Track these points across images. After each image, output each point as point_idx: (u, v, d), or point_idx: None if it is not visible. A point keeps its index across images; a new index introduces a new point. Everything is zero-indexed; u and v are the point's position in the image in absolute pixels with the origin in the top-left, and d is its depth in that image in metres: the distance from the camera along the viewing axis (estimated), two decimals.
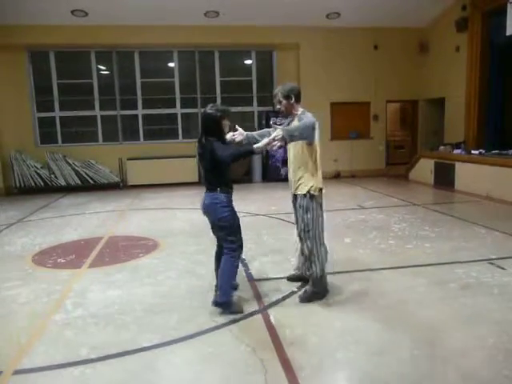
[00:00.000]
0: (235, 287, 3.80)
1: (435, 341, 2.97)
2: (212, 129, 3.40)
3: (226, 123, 3.44)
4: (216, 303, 3.49)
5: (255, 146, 3.38)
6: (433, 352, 2.83)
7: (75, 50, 10.96)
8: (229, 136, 3.61)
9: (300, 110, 3.65)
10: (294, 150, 3.63)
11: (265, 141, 3.32)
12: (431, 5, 10.59)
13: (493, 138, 9.93)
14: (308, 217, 3.61)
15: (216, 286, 3.62)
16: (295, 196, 3.70)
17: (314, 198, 3.58)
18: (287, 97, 3.59)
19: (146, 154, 11.11)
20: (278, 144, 3.33)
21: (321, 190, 3.62)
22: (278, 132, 3.28)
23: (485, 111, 9.97)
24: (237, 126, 3.74)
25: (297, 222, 3.77)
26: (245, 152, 3.47)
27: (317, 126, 3.51)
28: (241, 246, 3.60)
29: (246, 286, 4.07)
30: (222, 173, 3.46)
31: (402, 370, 2.66)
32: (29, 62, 10.81)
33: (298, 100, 3.64)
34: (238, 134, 3.68)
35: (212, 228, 3.67)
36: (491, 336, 3.00)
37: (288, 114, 3.69)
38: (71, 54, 11.03)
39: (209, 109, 3.43)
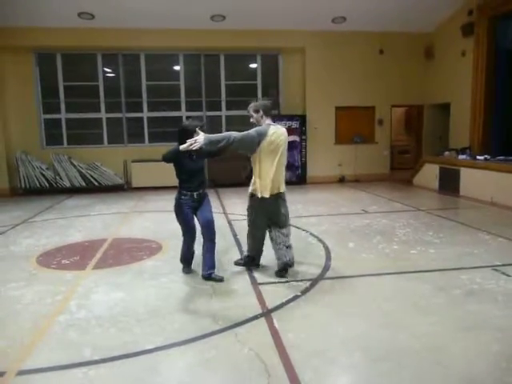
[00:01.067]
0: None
1: (439, 347, 2.96)
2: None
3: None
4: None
5: (181, 146, 3.91)
6: (436, 358, 2.82)
7: (82, 53, 11.04)
8: (185, 145, 3.87)
9: (266, 123, 4.21)
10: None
11: (189, 142, 3.83)
12: (437, 10, 10.59)
13: (498, 144, 9.89)
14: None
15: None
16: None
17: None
18: (257, 111, 4.22)
19: (151, 157, 11.13)
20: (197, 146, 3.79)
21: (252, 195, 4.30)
22: (199, 137, 3.79)
23: (490, 117, 9.94)
24: (197, 130, 4.05)
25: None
26: (173, 151, 4.10)
27: (266, 140, 4.09)
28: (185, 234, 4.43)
29: (250, 290, 4.06)
30: (177, 174, 4.36)
31: (404, 375, 2.65)
32: (36, 64, 10.89)
33: (266, 113, 4.24)
34: (193, 142, 3.82)
35: None
36: (495, 343, 2.99)
37: (259, 125, 4.22)
38: (78, 56, 11.12)
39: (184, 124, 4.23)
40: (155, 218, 7.48)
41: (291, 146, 10.67)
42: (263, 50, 11.65)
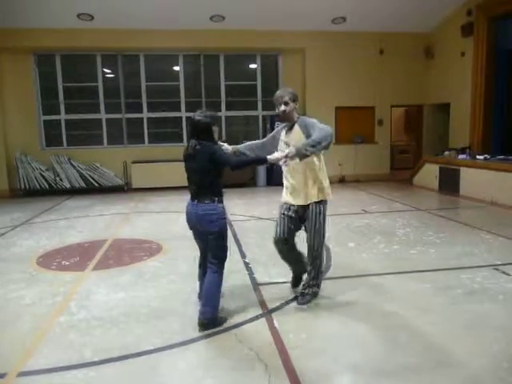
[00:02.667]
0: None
1: (440, 347, 2.96)
2: (205, 135, 3.29)
3: (215, 129, 3.37)
4: (207, 320, 3.25)
5: (269, 156, 3.36)
6: (437, 358, 2.81)
7: (81, 54, 11.04)
8: (278, 155, 3.44)
9: (297, 116, 3.62)
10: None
11: (277, 155, 3.35)
12: (437, 10, 10.59)
13: (498, 144, 9.89)
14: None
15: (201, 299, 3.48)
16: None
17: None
18: (295, 100, 3.58)
19: (151, 158, 11.14)
20: (288, 162, 3.38)
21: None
22: (291, 150, 3.27)
23: (490, 116, 9.94)
24: (220, 143, 3.59)
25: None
26: (258, 159, 3.62)
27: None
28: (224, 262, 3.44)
29: (250, 291, 4.06)
30: (217, 179, 3.34)
31: (405, 376, 2.64)
32: (35, 65, 10.88)
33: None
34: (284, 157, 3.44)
35: (198, 239, 3.55)
36: (496, 342, 2.98)
37: (288, 118, 3.60)
38: (77, 57, 11.11)
39: (198, 115, 3.33)
40: (155, 219, 7.48)
41: None
42: (263, 51, 11.65)
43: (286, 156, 3.27)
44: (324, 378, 2.66)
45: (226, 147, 3.72)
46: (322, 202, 3.64)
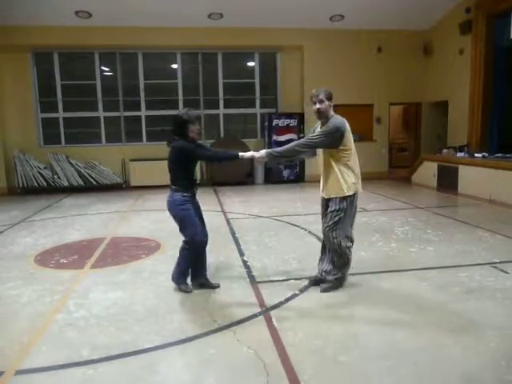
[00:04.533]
0: (204, 284, 4.08)
1: (437, 345, 2.96)
2: (179, 130, 3.77)
3: (192, 128, 3.74)
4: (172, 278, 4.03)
5: (240, 153, 3.82)
6: (435, 356, 2.82)
7: (79, 51, 11.01)
8: (249, 154, 3.85)
9: (332, 115, 3.79)
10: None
11: (248, 154, 3.81)
12: (435, 7, 10.58)
13: (496, 141, 9.90)
14: None
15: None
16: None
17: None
18: (329, 98, 3.76)
19: (149, 155, 11.12)
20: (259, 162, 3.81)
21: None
22: (261, 155, 3.72)
23: (488, 114, 9.95)
24: (250, 154, 3.87)
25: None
26: (230, 155, 3.96)
27: (347, 128, 3.77)
28: (193, 243, 3.88)
29: (249, 288, 4.06)
30: (181, 171, 3.85)
31: (403, 373, 2.65)
32: (33, 63, 10.85)
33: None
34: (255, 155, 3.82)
35: None
36: (494, 341, 2.99)
37: (324, 116, 3.77)
38: (75, 54, 11.08)
39: (179, 112, 3.84)
40: (154, 217, 7.46)
41: None
42: (261, 48, 11.63)
43: (257, 158, 3.74)
44: (322, 375, 2.66)
45: (252, 153, 3.85)
46: (339, 198, 3.78)
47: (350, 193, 3.76)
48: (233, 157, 3.91)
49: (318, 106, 3.71)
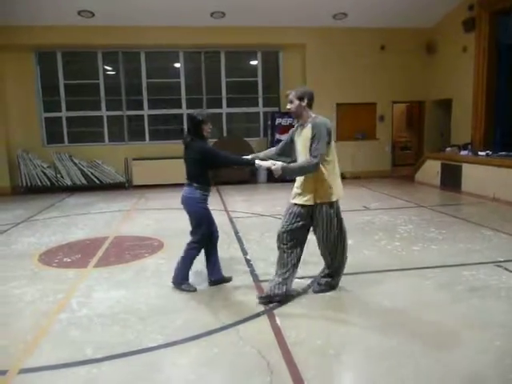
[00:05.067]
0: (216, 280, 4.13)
1: (441, 343, 2.95)
2: (194, 130, 3.86)
3: (205, 127, 3.86)
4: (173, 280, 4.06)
5: (257, 162, 3.79)
6: (439, 355, 2.81)
7: (82, 51, 11.02)
8: (267, 164, 3.74)
9: (312, 116, 3.61)
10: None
11: (266, 164, 3.70)
12: (438, 5, 10.54)
13: (500, 139, 9.85)
14: None
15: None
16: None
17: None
18: (300, 98, 3.58)
19: (152, 155, 11.14)
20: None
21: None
22: (277, 168, 3.56)
23: (492, 112, 9.90)
24: (267, 164, 3.74)
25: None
26: (247, 162, 3.93)
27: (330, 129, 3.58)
28: (203, 241, 3.98)
29: (252, 287, 4.06)
30: (202, 169, 3.89)
31: (405, 373, 2.64)
32: (36, 63, 10.88)
33: (310, 105, 3.62)
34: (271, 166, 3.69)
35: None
36: (498, 339, 2.97)
37: (297, 116, 3.67)
38: (78, 54, 11.10)
39: (194, 112, 3.93)
40: (156, 216, 7.47)
41: None
42: (264, 47, 11.62)
43: (272, 171, 3.61)
44: (325, 374, 2.66)
45: (266, 163, 3.75)
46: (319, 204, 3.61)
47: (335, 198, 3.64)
48: (251, 164, 3.88)
49: (288, 106, 3.65)
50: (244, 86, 11.97)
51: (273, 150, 4.05)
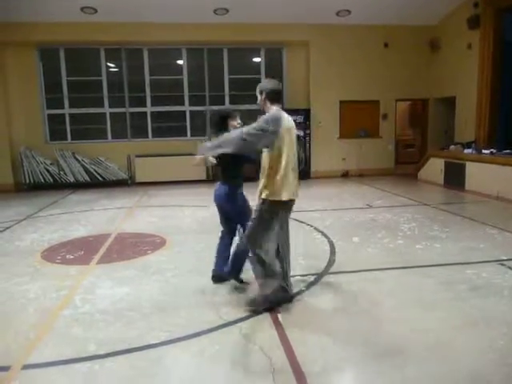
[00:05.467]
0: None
1: (444, 342, 2.94)
2: (221, 125, 3.90)
3: (231, 122, 3.91)
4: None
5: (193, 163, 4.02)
6: (442, 354, 2.80)
7: (85, 47, 11.01)
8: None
9: (272, 110, 3.37)
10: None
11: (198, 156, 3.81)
12: (442, 2, 10.47)
13: (504, 138, 9.81)
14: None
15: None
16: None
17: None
18: (260, 92, 3.43)
19: (155, 152, 11.13)
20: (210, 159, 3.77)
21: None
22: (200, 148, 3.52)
23: (496, 110, 9.84)
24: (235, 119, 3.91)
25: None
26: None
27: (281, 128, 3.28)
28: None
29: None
30: (240, 169, 4.06)
31: (410, 371, 2.63)
32: (39, 59, 10.87)
33: (270, 99, 3.39)
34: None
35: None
36: (501, 338, 2.96)
37: (262, 110, 3.48)
38: (81, 51, 11.08)
39: (219, 109, 4.03)
40: (159, 213, 7.47)
41: None
42: (267, 44, 11.57)
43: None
44: (328, 372, 2.65)
45: None
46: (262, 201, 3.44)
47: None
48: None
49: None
50: (247, 83, 11.93)
51: None
